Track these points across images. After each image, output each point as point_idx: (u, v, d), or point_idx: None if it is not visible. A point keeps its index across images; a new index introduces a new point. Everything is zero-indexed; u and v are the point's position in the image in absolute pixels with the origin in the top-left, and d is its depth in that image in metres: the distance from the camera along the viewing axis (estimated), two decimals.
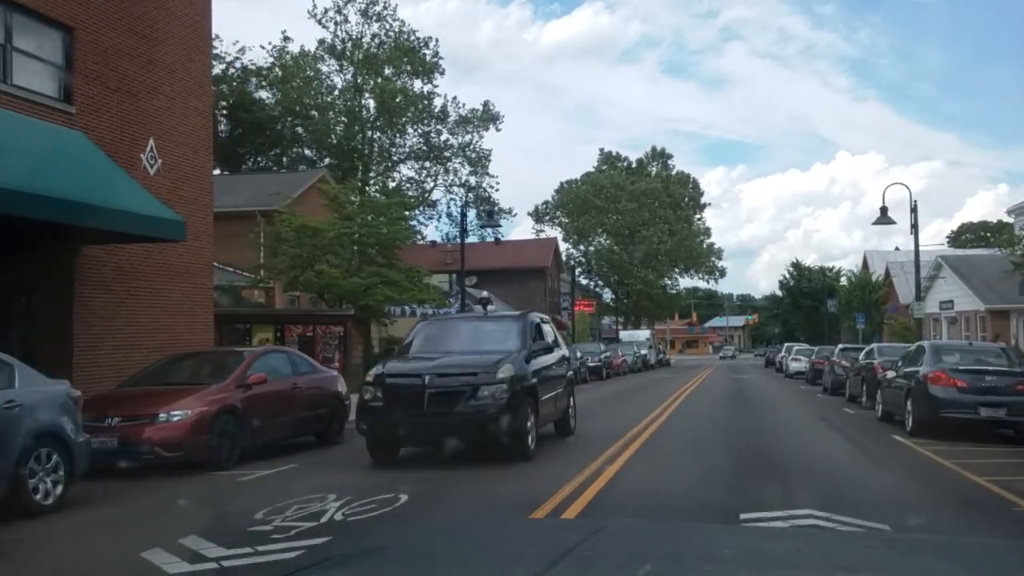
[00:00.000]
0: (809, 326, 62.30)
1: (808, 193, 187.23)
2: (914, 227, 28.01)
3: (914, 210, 27.92)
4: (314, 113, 64.95)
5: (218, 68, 57.73)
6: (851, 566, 2.13)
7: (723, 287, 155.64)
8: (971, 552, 2.56)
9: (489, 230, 68.87)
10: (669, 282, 75.47)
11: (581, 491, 8.81)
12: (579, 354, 36.14)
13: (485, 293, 45.97)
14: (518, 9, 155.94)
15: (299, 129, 62.95)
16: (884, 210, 27.96)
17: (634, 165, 77.65)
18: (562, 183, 74.39)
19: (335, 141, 62.63)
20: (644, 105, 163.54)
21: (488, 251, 60.00)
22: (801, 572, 2.17)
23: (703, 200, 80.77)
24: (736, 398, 25.10)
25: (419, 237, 72.26)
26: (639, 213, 67.58)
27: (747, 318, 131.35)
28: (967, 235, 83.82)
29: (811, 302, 60.77)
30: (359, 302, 26.81)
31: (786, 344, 52.38)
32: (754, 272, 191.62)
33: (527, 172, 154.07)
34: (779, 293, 75.34)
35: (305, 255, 27.21)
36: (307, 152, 62.72)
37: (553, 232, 71.08)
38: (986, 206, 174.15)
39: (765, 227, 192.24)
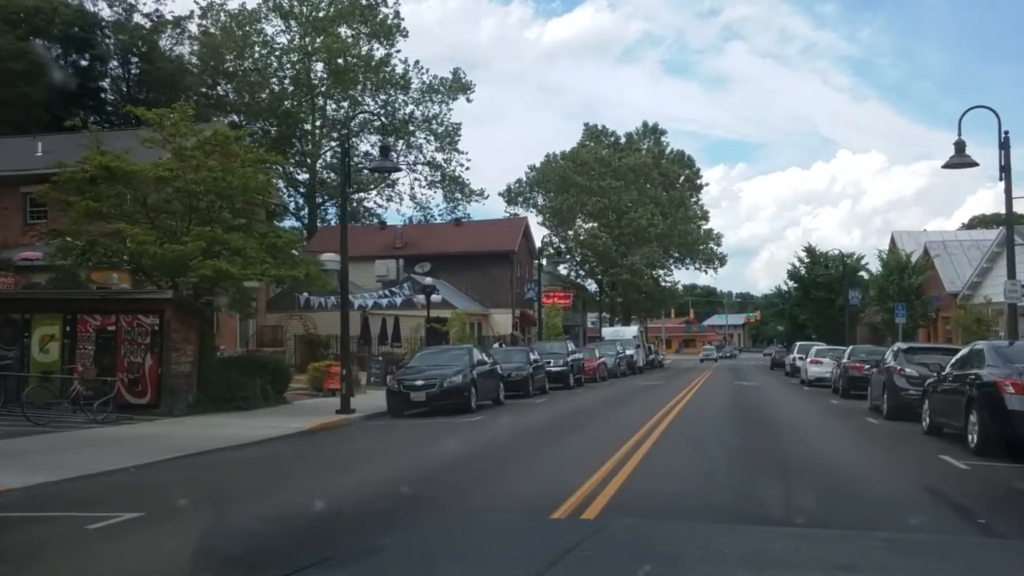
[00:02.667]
0: (823, 321, 53.34)
1: (808, 192, 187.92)
2: (1004, 170, 19.16)
3: (1004, 145, 19.06)
4: (255, 78, 56.04)
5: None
6: (851, 566, 2.12)
7: (722, 285, 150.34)
8: (971, 552, 2.54)
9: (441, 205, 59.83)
10: (662, 271, 66.22)
11: None
12: (533, 356, 27.32)
13: (429, 280, 37.14)
14: (519, 7, 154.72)
15: (230, 93, 53.88)
16: (961, 145, 19.14)
17: (623, 140, 68.55)
18: (541, 162, 65.35)
19: (266, 105, 53.17)
20: (645, 104, 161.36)
21: (446, 233, 51.15)
22: (801, 572, 2.17)
23: (700, 182, 71.77)
24: (749, 426, 16.24)
25: (368, 217, 63.74)
26: (626, 192, 58.37)
27: (748, 315, 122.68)
28: (979, 228, 75.24)
29: (826, 294, 51.84)
30: (180, 278, 18.03)
31: (799, 343, 43.22)
32: (753, 271, 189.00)
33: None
34: (784, 286, 66.51)
35: (107, 211, 18.38)
36: (238, 119, 53.45)
37: (528, 215, 62.03)
38: (986, 205, 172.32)
39: (765, 226, 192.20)
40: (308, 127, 61.46)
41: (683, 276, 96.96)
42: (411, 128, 63.63)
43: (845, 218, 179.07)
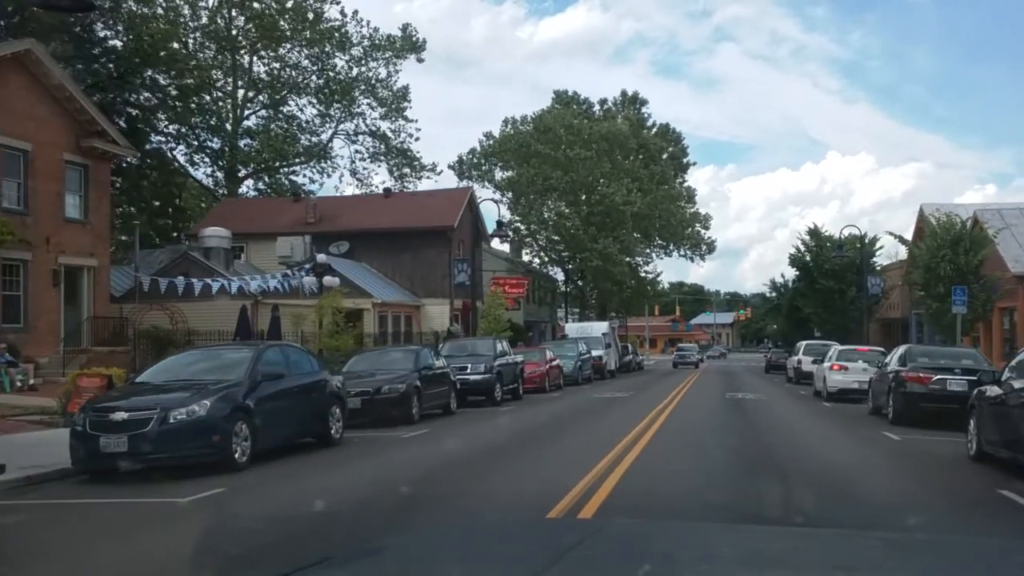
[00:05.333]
0: (829, 316, 44.50)
1: (798, 193, 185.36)
2: None
3: None
4: (159, 26, 46.75)
5: None
6: (850, 566, 2.07)
7: (710, 285, 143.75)
8: (971, 552, 2.44)
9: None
10: (640, 260, 56.99)
11: None
12: (429, 361, 18.32)
13: (322, 257, 28.03)
14: (512, 6, 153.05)
15: (113, 39, 44.42)
16: None
17: (596, 109, 59.44)
18: (500, 130, 56.04)
19: (163, 57, 43.45)
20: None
21: (372, 206, 41.86)
22: (800, 572, 2.13)
23: (688, 160, 62.63)
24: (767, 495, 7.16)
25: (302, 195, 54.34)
26: (597, 164, 49.22)
27: (738, 312, 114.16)
28: None
29: (836, 283, 43.00)
30: None
31: (804, 343, 34.19)
32: (742, 272, 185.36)
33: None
34: (780, 278, 57.89)
35: None
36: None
37: (484, 191, 52.74)
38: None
39: (753, 226, 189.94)
40: (228, 87, 52.38)
41: (669, 271, 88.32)
42: (353, 93, 54.48)
43: (834, 219, 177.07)
